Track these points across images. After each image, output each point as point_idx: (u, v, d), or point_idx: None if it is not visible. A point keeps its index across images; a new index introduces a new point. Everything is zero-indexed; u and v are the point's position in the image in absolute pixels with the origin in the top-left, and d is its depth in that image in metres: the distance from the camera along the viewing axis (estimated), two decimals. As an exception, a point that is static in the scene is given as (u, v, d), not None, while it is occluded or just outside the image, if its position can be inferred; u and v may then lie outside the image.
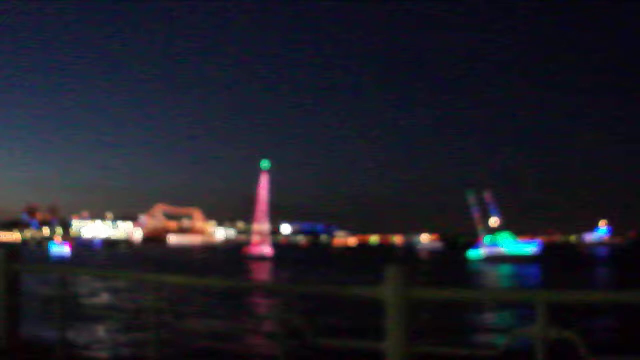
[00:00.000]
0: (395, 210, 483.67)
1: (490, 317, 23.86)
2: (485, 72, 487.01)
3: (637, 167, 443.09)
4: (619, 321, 22.22)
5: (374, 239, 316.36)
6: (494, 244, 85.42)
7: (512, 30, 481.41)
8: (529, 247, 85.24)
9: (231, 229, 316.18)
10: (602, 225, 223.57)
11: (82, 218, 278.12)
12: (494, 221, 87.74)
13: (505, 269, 64.48)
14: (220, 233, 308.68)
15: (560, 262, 79.67)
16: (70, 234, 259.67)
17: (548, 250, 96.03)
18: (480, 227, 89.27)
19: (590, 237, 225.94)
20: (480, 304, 24.44)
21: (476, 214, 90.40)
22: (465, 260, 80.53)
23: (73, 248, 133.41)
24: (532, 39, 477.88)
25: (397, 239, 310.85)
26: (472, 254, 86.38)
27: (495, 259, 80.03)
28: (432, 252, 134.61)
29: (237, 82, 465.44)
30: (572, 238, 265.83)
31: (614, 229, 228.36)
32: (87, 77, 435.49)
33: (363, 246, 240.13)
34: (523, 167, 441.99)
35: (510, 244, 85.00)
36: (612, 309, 23.32)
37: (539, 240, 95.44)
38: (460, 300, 4.04)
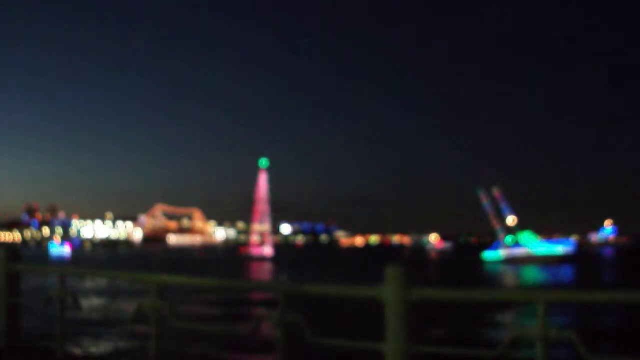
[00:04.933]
0: (395, 210, 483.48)
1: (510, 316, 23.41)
2: (488, 71, 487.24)
3: None
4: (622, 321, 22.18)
5: (373, 239, 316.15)
6: (516, 244, 78.63)
7: (518, 31, 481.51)
8: (559, 247, 77.75)
9: (231, 229, 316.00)
10: (608, 225, 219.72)
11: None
12: (511, 220, 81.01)
13: (534, 272, 58.37)
14: (220, 233, 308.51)
15: (597, 264, 75.21)
16: (71, 233, 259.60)
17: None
18: (498, 227, 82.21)
19: (595, 236, 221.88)
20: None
21: (490, 213, 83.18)
22: (480, 262, 75.13)
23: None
24: (534, 39, 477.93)
25: (397, 239, 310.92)
26: (490, 254, 79.52)
27: (518, 260, 73.74)
28: (442, 253, 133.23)
29: (238, 82, 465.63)
30: (574, 237, 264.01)
31: (619, 229, 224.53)
32: (87, 77, 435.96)
33: (368, 246, 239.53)
34: (526, 166, 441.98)
35: (535, 244, 78.00)
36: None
37: (571, 239, 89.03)
38: (460, 300, 4.03)
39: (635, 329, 20.10)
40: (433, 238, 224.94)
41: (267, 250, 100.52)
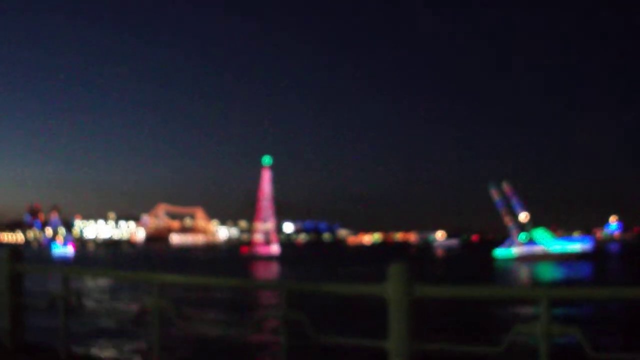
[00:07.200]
0: (397, 207, 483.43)
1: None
2: (493, 65, 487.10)
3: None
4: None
5: (376, 236, 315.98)
6: (530, 242, 75.71)
7: (525, 25, 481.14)
8: (577, 244, 75.51)
9: (234, 228, 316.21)
10: (613, 221, 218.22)
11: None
12: (523, 216, 78.21)
13: (549, 270, 56.31)
14: (223, 232, 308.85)
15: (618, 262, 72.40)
16: (73, 234, 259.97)
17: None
18: (511, 224, 79.20)
19: (599, 233, 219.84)
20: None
21: (503, 209, 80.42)
22: (490, 259, 72.81)
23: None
24: (535, 33, 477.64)
25: (400, 236, 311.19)
26: (502, 252, 76.85)
27: (532, 258, 71.50)
28: (449, 250, 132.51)
29: (240, 80, 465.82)
30: (577, 234, 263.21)
31: (625, 225, 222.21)
32: (88, 78, 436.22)
33: (372, 245, 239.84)
34: (525, 162, 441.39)
35: (550, 241, 75.50)
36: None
37: (590, 236, 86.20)
38: (464, 297, 4.04)
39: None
40: (439, 235, 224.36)
41: (274, 249, 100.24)
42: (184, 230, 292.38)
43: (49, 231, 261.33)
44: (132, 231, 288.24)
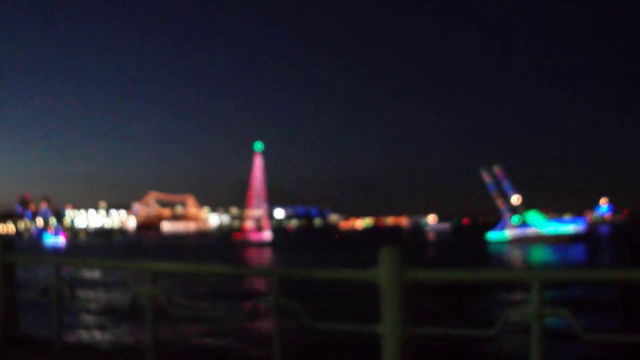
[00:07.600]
0: (388, 192, 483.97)
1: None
2: (485, 49, 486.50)
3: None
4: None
5: (367, 221, 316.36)
6: (523, 224, 75.69)
7: (518, 10, 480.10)
8: (570, 226, 75.13)
9: (225, 214, 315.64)
10: (603, 203, 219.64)
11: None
12: (516, 199, 77.95)
13: (542, 252, 56.31)
14: (214, 219, 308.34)
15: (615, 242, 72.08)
16: (64, 224, 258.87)
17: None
18: (503, 207, 78.84)
19: (590, 215, 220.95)
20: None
21: (494, 193, 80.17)
22: (483, 242, 72.72)
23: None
24: (532, 18, 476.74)
25: (391, 221, 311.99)
26: (495, 235, 76.60)
27: (525, 241, 71.78)
28: (440, 234, 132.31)
29: (228, 67, 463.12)
30: (567, 216, 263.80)
31: (615, 207, 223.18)
32: (77, 67, 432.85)
33: (365, 229, 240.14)
34: (516, 145, 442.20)
35: (543, 224, 75.29)
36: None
37: (583, 217, 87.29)
38: (455, 280, 4.05)
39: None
40: (431, 219, 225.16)
41: (266, 235, 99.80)
42: (175, 218, 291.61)
43: (40, 221, 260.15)
44: (123, 220, 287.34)
